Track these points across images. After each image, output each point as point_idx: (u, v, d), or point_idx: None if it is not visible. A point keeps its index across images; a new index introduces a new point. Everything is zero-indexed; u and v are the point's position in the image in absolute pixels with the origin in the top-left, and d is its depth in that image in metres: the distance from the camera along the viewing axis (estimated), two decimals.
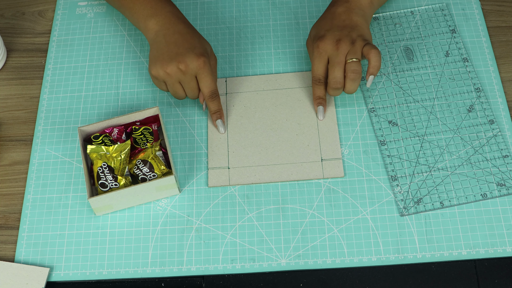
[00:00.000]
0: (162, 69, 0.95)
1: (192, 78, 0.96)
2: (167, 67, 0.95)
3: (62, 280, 0.91)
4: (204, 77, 0.96)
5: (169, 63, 0.95)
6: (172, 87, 0.97)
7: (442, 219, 0.92)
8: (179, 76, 0.96)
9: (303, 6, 1.13)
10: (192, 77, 0.96)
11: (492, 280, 0.88)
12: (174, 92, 0.98)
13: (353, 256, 0.90)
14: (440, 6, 1.11)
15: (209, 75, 0.96)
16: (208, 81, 0.96)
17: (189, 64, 0.95)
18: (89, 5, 1.15)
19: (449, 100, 1.01)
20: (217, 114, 0.99)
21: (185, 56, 0.95)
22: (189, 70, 0.95)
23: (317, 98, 1.00)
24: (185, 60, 0.95)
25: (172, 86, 0.97)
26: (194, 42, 0.97)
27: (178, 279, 0.90)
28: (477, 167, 0.95)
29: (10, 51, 1.12)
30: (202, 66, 0.95)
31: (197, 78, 0.97)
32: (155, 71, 0.96)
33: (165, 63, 0.95)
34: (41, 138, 1.02)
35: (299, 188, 0.95)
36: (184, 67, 0.95)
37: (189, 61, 0.95)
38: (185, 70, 0.95)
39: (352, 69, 0.95)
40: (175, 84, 0.97)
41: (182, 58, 0.95)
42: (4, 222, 0.96)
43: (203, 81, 0.96)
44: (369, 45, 0.96)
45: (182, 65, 0.95)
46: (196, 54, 0.95)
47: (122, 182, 0.93)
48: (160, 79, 0.97)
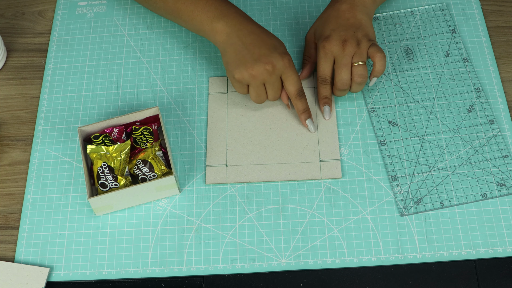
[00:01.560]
0: (247, 72, 0.93)
1: (278, 79, 0.95)
2: (252, 69, 0.93)
3: (62, 280, 0.91)
4: (290, 76, 0.95)
5: (254, 65, 0.93)
6: (256, 89, 0.95)
7: (442, 219, 0.92)
8: (265, 77, 0.94)
9: (303, 6, 1.13)
10: (278, 77, 0.95)
11: (492, 280, 0.88)
12: (257, 94, 0.96)
13: (353, 256, 0.90)
14: (440, 6, 1.11)
15: (295, 73, 0.95)
16: (295, 79, 0.95)
17: (276, 64, 0.93)
18: (89, 5, 1.15)
19: (449, 100, 1.01)
20: (305, 113, 0.98)
21: (270, 57, 0.93)
22: (276, 70, 0.94)
23: (323, 97, 1.00)
24: (271, 60, 0.93)
25: (256, 88, 0.95)
26: (273, 41, 0.95)
27: (178, 279, 0.90)
28: (477, 167, 0.95)
29: (10, 51, 1.12)
30: (287, 65, 0.94)
31: (282, 77, 0.95)
32: (239, 74, 0.94)
33: (250, 65, 0.93)
34: (41, 138, 1.02)
35: (299, 188, 0.95)
36: (271, 67, 0.93)
37: (275, 61, 0.93)
38: (272, 71, 0.93)
39: (359, 73, 0.96)
40: (259, 86, 0.95)
41: (267, 59, 0.93)
42: (4, 222, 0.96)
43: (289, 80, 0.95)
44: (374, 47, 0.96)
45: (269, 65, 0.93)
46: (280, 54, 0.94)
47: (122, 182, 0.93)
48: (244, 82, 0.95)
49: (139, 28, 1.12)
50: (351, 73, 0.97)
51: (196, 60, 1.08)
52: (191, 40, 1.10)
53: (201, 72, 1.07)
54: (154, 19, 1.13)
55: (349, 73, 0.97)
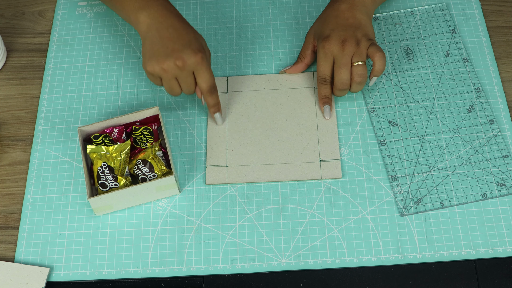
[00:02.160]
0: (158, 65, 0.94)
1: (189, 74, 0.95)
2: (163, 63, 0.94)
3: (62, 280, 0.91)
4: (202, 73, 0.95)
5: (165, 59, 0.94)
6: (168, 83, 0.96)
7: (442, 219, 0.92)
8: (176, 72, 0.95)
9: (303, 6, 1.13)
10: (190, 73, 0.95)
11: (492, 280, 0.88)
12: (169, 88, 0.97)
13: (353, 256, 0.90)
14: (440, 6, 1.11)
15: (207, 70, 0.95)
16: (207, 76, 0.95)
17: (187, 60, 0.94)
18: (89, 5, 1.15)
19: (449, 100, 1.01)
20: (215, 107, 0.99)
21: (182, 52, 0.94)
22: (187, 66, 0.94)
23: (323, 97, 1.00)
24: (182, 56, 0.93)
25: (168, 82, 0.96)
26: (190, 37, 0.96)
27: (178, 279, 0.90)
28: (477, 167, 0.95)
29: (10, 51, 1.12)
30: (199, 61, 0.94)
31: (195, 73, 0.95)
32: (150, 67, 0.95)
33: (161, 59, 0.94)
34: (41, 138, 1.02)
35: (299, 188, 0.95)
36: (182, 63, 0.94)
37: (187, 57, 0.94)
38: (182, 66, 0.94)
39: (359, 73, 0.96)
40: (171, 80, 0.96)
41: (179, 54, 0.94)
42: (4, 222, 0.96)
43: (201, 77, 0.95)
44: (374, 46, 0.97)
45: (180, 61, 0.93)
46: (193, 50, 0.94)
47: (122, 182, 0.93)
48: (155, 75, 0.96)
49: None
50: (351, 73, 0.97)
51: None
52: None
53: None
54: None
55: (348, 73, 0.97)
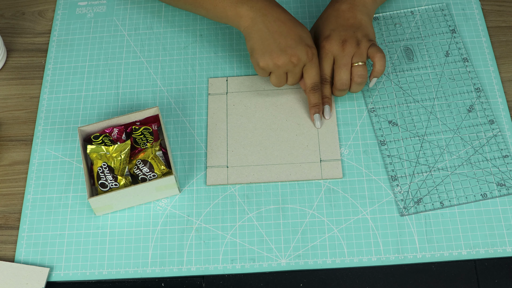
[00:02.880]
0: (272, 61, 0.94)
1: (300, 70, 0.96)
2: (278, 59, 0.94)
3: (62, 280, 0.91)
4: (310, 69, 0.95)
5: (280, 56, 0.94)
6: (278, 76, 0.96)
7: (442, 219, 0.92)
8: (289, 68, 0.95)
9: (303, 6, 1.13)
10: (300, 69, 0.96)
11: (492, 280, 0.88)
12: (278, 81, 0.97)
13: (353, 256, 0.90)
14: (440, 6, 1.11)
15: (315, 67, 0.96)
16: (313, 72, 0.96)
17: (301, 57, 0.94)
18: (89, 5, 1.15)
19: (449, 100, 1.01)
20: (316, 107, 0.99)
21: (296, 49, 0.94)
22: (300, 62, 0.94)
23: (323, 97, 1.00)
24: (296, 53, 0.93)
25: (279, 76, 0.96)
26: (299, 31, 0.95)
27: (178, 279, 0.90)
28: (477, 167, 0.95)
29: (10, 51, 1.12)
30: (311, 58, 0.95)
31: (303, 68, 0.96)
32: (263, 62, 0.94)
33: (275, 55, 0.94)
34: (41, 138, 1.02)
35: (299, 188, 0.95)
36: (296, 60, 0.94)
37: (301, 54, 0.94)
38: (296, 63, 0.94)
39: (359, 74, 0.96)
40: (282, 74, 0.96)
41: (293, 52, 0.94)
42: (4, 222, 0.96)
43: (309, 73, 0.96)
44: (374, 47, 0.97)
45: (294, 58, 0.94)
46: (305, 46, 0.94)
47: (122, 182, 0.93)
48: (267, 70, 0.96)
49: (139, 28, 1.12)
50: (351, 73, 0.97)
51: (196, 60, 1.08)
52: (191, 40, 1.10)
53: (201, 72, 1.07)
54: (154, 19, 1.13)
55: (348, 73, 0.97)
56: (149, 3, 1.15)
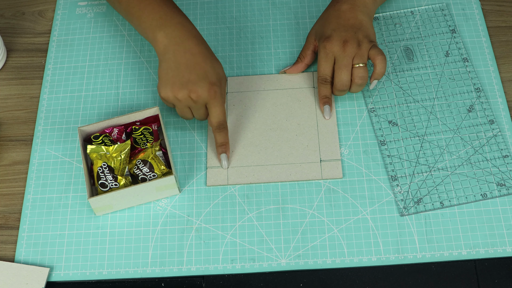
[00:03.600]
0: (172, 94, 0.93)
1: (202, 106, 0.94)
2: (178, 93, 0.92)
3: (62, 280, 0.91)
4: (213, 107, 0.93)
5: (180, 90, 0.92)
6: (180, 110, 0.95)
7: (442, 219, 0.92)
8: (189, 103, 0.93)
9: (303, 6, 1.13)
10: (202, 106, 0.94)
11: (492, 280, 0.88)
12: (182, 114, 0.96)
13: (353, 256, 0.90)
14: (440, 6, 1.11)
15: (218, 105, 0.93)
16: (217, 111, 0.94)
17: (201, 94, 0.92)
18: (89, 5, 1.15)
19: (449, 100, 1.01)
20: (222, 147, 0.97)
21: (196, 85, 0.92)
22: (200, 99, 0.92)
23: (323, 97, 1.00)
24: (196, 89, 0.92)
25: (181, 110, 0.95)
26: (206, 66, 0.93)
27: (178, 279, 0.90)
28: (477, 167, 0.95)
29: (10, 51, 1.12)
30: (213, 96, 0.92)
31: (207, 106, 0.94)
32: (164, 93, 0.93)
33: (176, 88, 0.92)
34: (41, 138, 1.02)
35: (299, 188, 0.95)
36: (196, 96, 0.92)
37: (201, 91, 0.92)
38: (196, 100, 0.92)
39: (360, 75, 0.96)
40: (184, 108, 0.95)
41: (193, 88, 0.92)
42: (4, 222, 0.96)
43: (212, 111, 0.94)
44: (375, 49, 0.97)
45: (194, 94, 0.92)
46: (207, 83, 0.92)
47: (122, 182, 0.93)
48: (169, 102, 0.95)
49: None
50: (352, 74, 0.97)
51: None
52: None
53: None
54: None
55: (349, 74, 0.97)
56: None
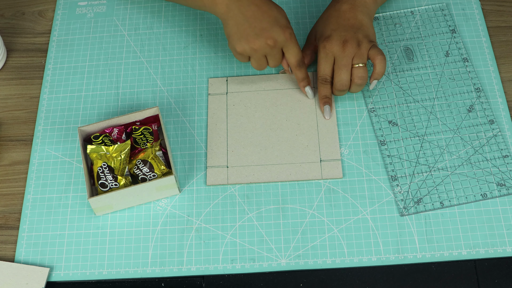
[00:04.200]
0: (249, 45, 0.95)
1: (279, 51, 0.97)
2: (254, 43, 0.95)
3: (62, 280, 0.91)
4: (291, 48, 0.96)
5: (255, 39, 0.94)
6: (257, 61, 0.97)
7: (442, 219, 0.92)
8: (267, 51, 0.96)
9: (303, 6, 1.13)
10: (279, 50, 0.96)
11: (492, 280, 0.88)
12: (258, 65, 0.98)
13: (353, 256, 0.90)
14: (440, 6, 1.11)
15: (295, 45, 0.96)
16: (296, 51, 0.97)
17: (277, 39, 0.95)
18: (89, 5, 1.15)
19: (449, 100, 1.01)
20: (304, 81, 1.00)
21: (271, 31, 0.94)
22: (278, 44, 0.95)
23: (323, 97, 1.00)
24: (272, 35, 0.94)
25: (258, 60, 0.97)
26: (274, 13, 0.96)
27: (178, 279, 0.90)
28: (477, 167, 0.95)
29: (10, 51, 1.12)
30: (288, 38, 0.95)
31: (283, 49, 0.97)
32: (240, 47, 0.95)
33: (251, 39, 0.95)
34: (41, 138, 1.02)
35: (299, 188, 0.95)
36: (273, 42, 0.94)
37: (277, 36, 0.94)
38: (273, 45, 0.95)
39: (359, 75, 0.96)
40: (261, 58, 0.97)
41: (269, 34, 0.94)
42: (4, 222, 0.96)
43: (291, 52, 0.97)
44: (375, 49, 0.97)
45: (270, 40, 0.94)
46: (281, 27, 0.95)
47: (122, 182, 0.93)
48: (245, 55, 0.97)
49: (139, 28, 1.12)
50: (351, 74, 0.97)
51: (196, 60, 1.08)
52: (191, 40, 1.10)
53: (201, 72, 1.07)
54: (154, 19, 1.13)
55: (348, 74, 0.97)
56: (149, 3, 1.15)
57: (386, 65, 0.98)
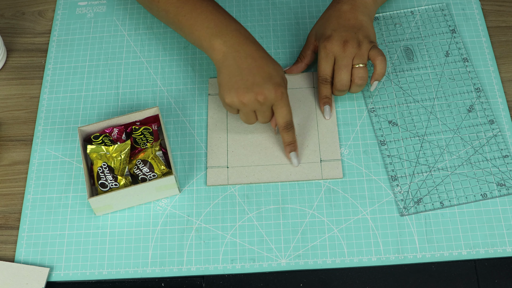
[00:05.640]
0: (238, 99, 0.91)
1: (268, 108, 0.93)
2: (243, 97, 0.91)
3: (62, 280, 0.91)
4: (280, 108, 0.92)
5: (245, 93, 0.91)
6: (246, 115, 0.94)
7: (442, 219, 0.92)
8: (256, 106, 0.92)
9: (303, 6, 1.13)
10: (269, 107, 0.93)
11: (492, 280, 0.88)
12: (246, 119, 0.95)
13: (353, 256, 0.90)
14: (440, 6, 1.11)
15: (286, 106, 0.92)
16: (285, 112, 0.93)
17: (268, 96, 0.91)
18: (89, 5, 1.15)
19: (449, 100, 1.01)
20: (291, 146, 0.96)
21: (263, 88, 0.91)
22: (267, 101, 0.91)
23: (323, 97, 1.00)
24: (263, 91, 0.91)
25: (246, 115, 0.94)
26: (269, 69, 0.92)
27: (178, 279, 0.90)
28: (477, 167, 0.95)
29: (10, 51, 1.12)
30: (280, 97, 0.91)
31: (273, 107, 0.93)
32: (229, 99, 0.92)
33: (241, 92, 0.91)
34: (41, 138, 1.02)
35: (299, 188, 0.95)
36: (263, 99, 0.91)
37: (268, 93, 0.91)
38: (263, 102, 0.91)
39: (360, 76, 0.96)
40: (249, 112, 0.93)
41: (260, 90, 0.91)
42: (4, 222, 0.96)
43: (279, 112, 0.93)
44: (375, 49, 0.97)
45: (261, 96, 0.91)
46: (274, 85, 0.91)
47: (122, 182, 0.93)
48: (234, 107, 0.93)
49: (139, 28, 1.12)
50: (352, 74, 0.97)
51: (196, 60, 1.08)
52: None
53: (201, 72, 1.07)
54: (154, 19, 1.13)
55: (349, 74, 0.97)
56: None
57: (386, 66, 0.98)
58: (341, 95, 1.00)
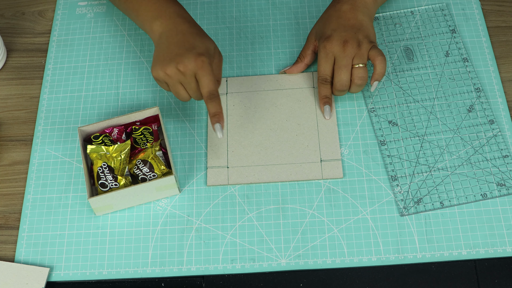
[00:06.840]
0: (162, 70, 0.93)
1: (192, 79, 0.93)
2: (166, 68, 0.92)
3: (62, 280, 0.91)
4: (202, 77, 0.92)
5: (168, 64, 0.92)
6: (173, 88, 0.95)
7: (442, 219, 0.92)
8: (179, 77, 0.93)
9: (303, 6, 1.13)
10: (192, 78, 0.93)
11: (492, 280, 0.88)
12: (176, 93, 0.95)
13: (353, 256, 0.90)
14: (440, 6, 1.11)
15: (207, 75, 0.92)
16: (206, 81, 0.92)
17: (188, 65, 0.91)
18: (89, 5, 1.15)
19: (449, 100, 1.01)
20: (216, 117, 0.93)
21: (183, 57, 0.92)
22: (188, 70, 0.92)
23: (323, 97, 1.00)
24: (183, 60, 0.92)
25: (174, 87, 0.95)
26: (195, 41, 0.94)
27: (178, 279, 0.90)
28: (477, 167, 0.95)
29: (10, 51, 1.12)
30: (200, 66, 0.92)
31: (196, 77, 0.93)
32: (155, 72, 0.94)
33: (165, 64, 0.92)
34: (41, 138, 1.02)
35: (299, 188, 0.95)
36: (183, 67, 0.92)
37: (187, 62, 0.91)
38: (184, 71, 0.92)
39: (360, 76, 0.96)
40: (176, 85, 0.94)
41: (180, 59, 0.92)
42: (4, 222, 0.96)
43: (201, 81, 0.92)
44: (375, 49, 0.97)
45: (181, 65, 0.92)
46: (195, 54, 0.92)
47: (122, 182, 0.93)
48: (161, 80, 0.95)
49: (139, 28, 1.12)
50: (351, 74, 0.97)
51: None
52: None
53: None
54: None
55: (348, 74, 0.97)
56: None
57: (386, 66, 0.98)
58: (341, 95, 1.00)
